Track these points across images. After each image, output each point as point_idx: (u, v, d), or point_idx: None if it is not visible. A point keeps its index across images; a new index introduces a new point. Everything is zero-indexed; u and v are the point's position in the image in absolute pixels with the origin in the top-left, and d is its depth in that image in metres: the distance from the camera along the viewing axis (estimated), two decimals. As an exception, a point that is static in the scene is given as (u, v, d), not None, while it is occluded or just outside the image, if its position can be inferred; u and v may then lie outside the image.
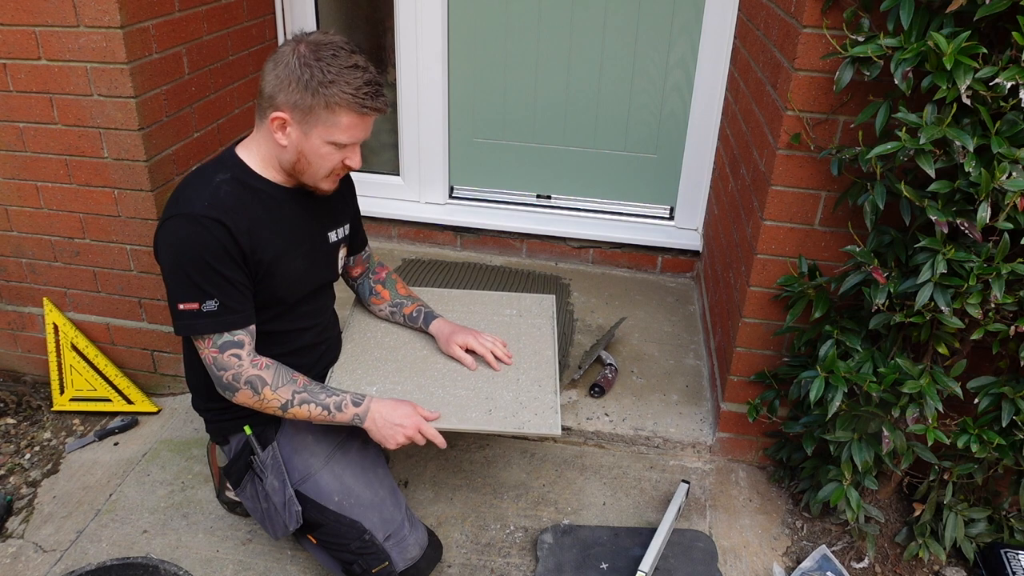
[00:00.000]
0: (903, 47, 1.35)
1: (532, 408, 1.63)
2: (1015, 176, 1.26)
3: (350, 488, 1.58)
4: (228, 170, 1.47)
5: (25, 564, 1.75)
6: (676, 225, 2.90)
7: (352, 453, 1.63)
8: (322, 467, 1.59)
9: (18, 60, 1.88)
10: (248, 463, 1.61)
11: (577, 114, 2.80)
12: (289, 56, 1.38)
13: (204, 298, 1.41)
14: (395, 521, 1.59)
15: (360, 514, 1.56)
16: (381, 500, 1.60)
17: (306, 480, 1.57)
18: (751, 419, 1.87)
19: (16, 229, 2.14)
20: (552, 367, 1.76)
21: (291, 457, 1.59)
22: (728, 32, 2.52)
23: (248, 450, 1.61)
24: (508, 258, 2.99)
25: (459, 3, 2.68)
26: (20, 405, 2.28)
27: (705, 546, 1.81)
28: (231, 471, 1.64)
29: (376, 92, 1.41)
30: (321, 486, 1.57)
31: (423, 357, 1.77)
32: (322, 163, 1.46)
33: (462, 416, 1.58)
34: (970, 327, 1.45)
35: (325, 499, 1.56)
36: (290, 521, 1.56)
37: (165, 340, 2.23)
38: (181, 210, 1.40)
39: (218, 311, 1.42)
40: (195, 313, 1.41)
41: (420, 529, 1.63)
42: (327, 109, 1.38)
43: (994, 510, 1.76)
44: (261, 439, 1.60)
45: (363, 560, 1.55)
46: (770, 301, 1.84)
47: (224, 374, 1.46)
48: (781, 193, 1.71)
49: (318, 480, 1.57)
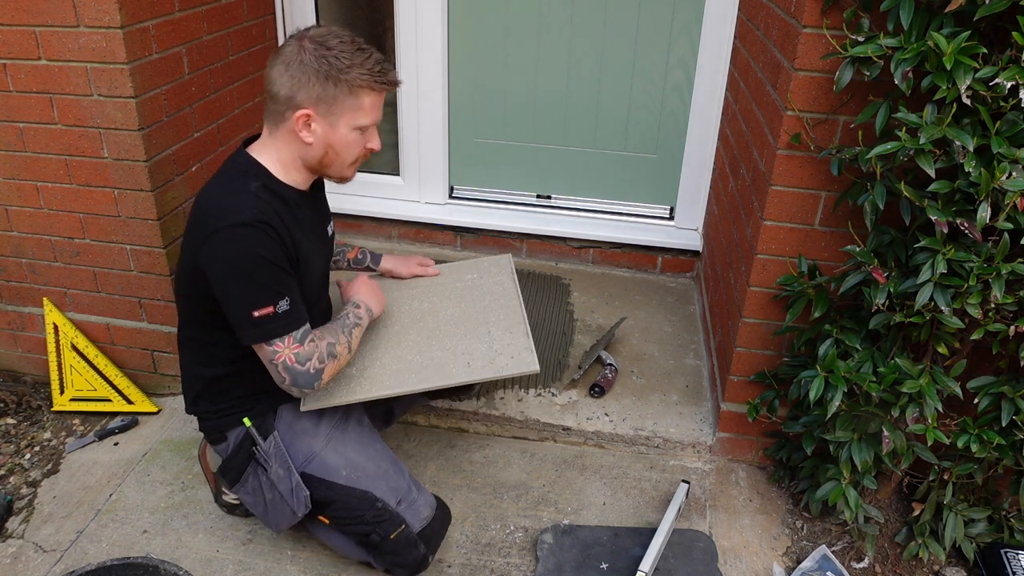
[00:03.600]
0: (903, 47, 1.35)
1: (507, 353, 1.70)
2: (1015, 176, 1.26)
3: (355, 462, 1.62)
4: (256, 178, 1.49)
5: (25, 564, 1.75)
6: (676, 225, 2.90)
7: (350, 431, 1.67)
8: (324, 447, 1.61)
9: (18, 60, 1.88)
10: (249, 455, 1.62)
11: (577, 114, 2.80)
12: (299, 54, 1.41)
13: (277, 299, 1.43)
14: (402, 487, 1.64)
15: (369, 484, 1.60)
16: (385, 470, 1.64)
17: (311, 461, 1.59)
18: (751, 419, 1.87)
19: (16, 229, 2.14)
20: (519, 313, 1.83)
21: (292, 442, 1.61)
22: (728, 32, 2.52)
23: (248, 443, 1.61)
24: (508, 258, 2.99)
25: (459, 3, 2.68)
26: (20, 405, 2.28)
27: (705, 546, 1.81)
28: (229, 467, 1.65)
29: (388, 67, 1.48)
30: (327, 464, 1.60)
31: (396, 332, 1.80)
32: (349, 151, 1.51)
33: (444, 374, 1.64)
34: (970, 327, 1.45)
35: (333, 475, 1.59)
36: (298, 507, 1.58)
37: (165, 340, 2.23)
38: (232, 220, 1.40)
39: (291, 309, 1.46)
40: (272, 317, 1.43)
41: (426, 492, 1.69)
42: (351, 94, 1.43)
43: (994, 510, 1.76)
44: (261, 430, 1.61)
45: (380, 528, 1.58)
46: (770, 301, 1.84)
47: (309, 363, 1.48)
48: (781, 193, 1.71)
49: (323, 459, 1.60)
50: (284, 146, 1.50)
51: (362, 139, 1.51)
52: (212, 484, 1.91)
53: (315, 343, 1.50)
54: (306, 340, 1.48)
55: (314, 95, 1.41)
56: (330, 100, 1.42)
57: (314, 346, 1.49)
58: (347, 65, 1.41)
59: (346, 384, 1.63)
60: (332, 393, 1.61)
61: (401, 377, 1.65)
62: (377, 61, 1.45)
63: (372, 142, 1.53)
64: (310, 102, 1.42)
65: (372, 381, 1.64)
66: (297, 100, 1.42)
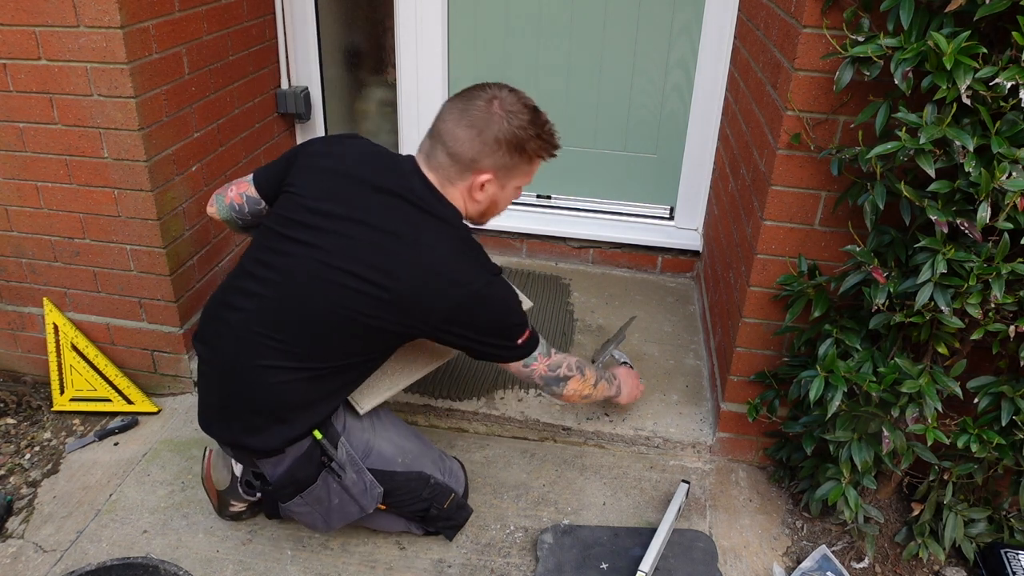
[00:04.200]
0: (903, 47, 1.35)
1: None
2: (1015, 176, 1.26)
3: (403, 446, 1.68)
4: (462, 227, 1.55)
5: (25, 564, 1.75)
6: (676, 225, 2.90)
7: (383, 417, 1.71)
8: (374, 437, 1.64)
9: (18, 60, 1.88)
10: (319, 465, 1.55)
11: (577, 114, 2.80)
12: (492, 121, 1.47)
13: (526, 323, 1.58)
14: (438, 457, 1.75)
15: (420, 464, 1.68)
16: (424, 447, 1.73)
17: (369, 455, 1.62)
18: (751, 419, 1.87)
19: (16, 229, 2.14)
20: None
21: (350, 441, 1.60)
22: (728, 32, 2.52)
23: (317, 454, 1.55)
24: (508, 258, 2.99)
25: (459, 3, 2.68)
26: (20, 405, 2.28)
27: (705, 546, 1.81)
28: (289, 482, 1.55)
29: (554, 132, 1.58)
30: (384, 455, 1.64)
31: None
32: (506, 205, 1.63)
33: None
34: (970, 327, 1.45)
35: (391, 464, 1.64)
36: (369, 504, 1.62)
37: (165, 340, 2.23)
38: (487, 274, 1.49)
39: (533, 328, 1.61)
40: (531, 338, 1.60)
41: (448, 455, 1.82)
42: (529, 162, 1.55)
43: (994, 510, 1.76)
44: (329, 438, 1.56)
45: (436, 501, 1.69)
46: (770, 301, 1.84)
47: (560, 370, 1.66)
48: (781, 193, 1.71)
49: (380, 450, 1.64)
50: (459, 198, 1.55)
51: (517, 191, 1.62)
52: (215, 502, 1.86)
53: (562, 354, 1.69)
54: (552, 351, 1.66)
55: (500, 163, 1.49)
56: (511, 167, 1.51)
57: (562, 355, 1.68)
58: (532, 136, 1.50)
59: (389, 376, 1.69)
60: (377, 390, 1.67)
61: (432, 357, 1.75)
62: (551, 130, 1.55)
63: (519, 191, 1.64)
64: (494, 168, 1.50)
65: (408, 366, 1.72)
66: (482, 164, 1.49)
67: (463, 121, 1.47)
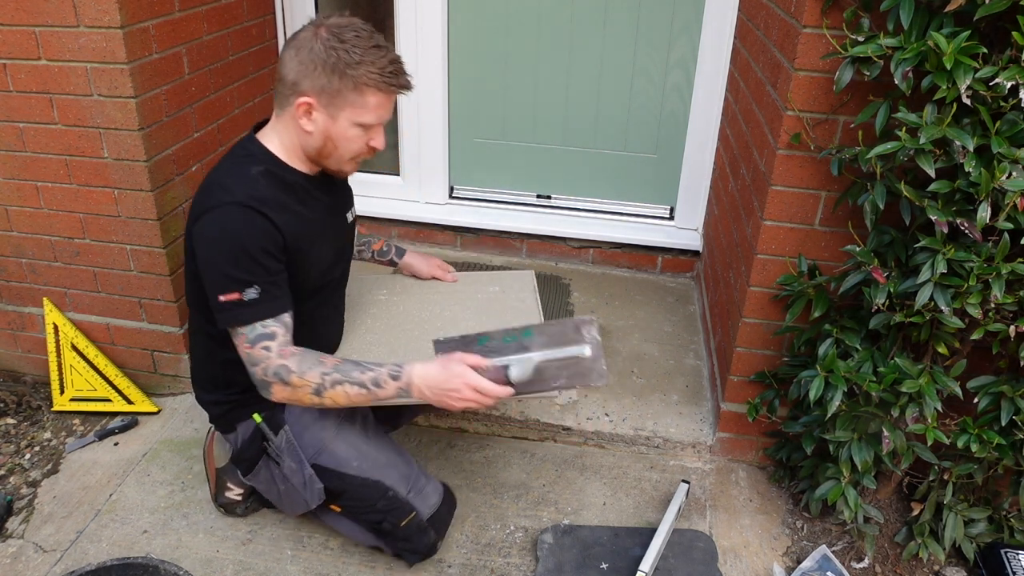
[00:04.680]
0: (903, 47, 1.35)
1: None
2: (1015, 176, 1.26)
3: (365, 452, 1.62)
4: (261, 162, 1.47)
5: (25, 564, 1.75)
6: (676, 225, 2.90)
7: (357, 424, 1.67)
8: (334, 438, 1.61)
9: (18, 60, 1.88)
10: (261, 450, 1.62)
11: (577, 114, 2.80)
12: (312, 41, 1.39)
13: (244, 287, 1.40)
14: (411, 474, 1.65)
15: (380, 473, 1.60)
16: (394, 459, 1.65)
17: (321, 453, 1.60)
18: (751, 419, 1.87)
19: (16, 229, 2.14)
20: None
21: (301, 434, 1.60)
22: (728, 32, 2.52)
23: (259, 437, 1.61)
24: (508, 258, 2.99)
25: (459, 3, 2.68)
26: (20, 405, 2.28)
27: (705, 546, 1.81)
28: (241, 459, 1.66)
29: (401, 70, 1.44)
30: (338, 455, 1.60)
31: (415, 337, 1.78)
32: (349, 146, 1.48)
33: None
34: (970, 327, 1.45)
35: (344, 466, 1.59)
36: (312, 499, 1.60)
37: (165, 340, 2.23)
38: (224, 199, 1.39)
39: (259, 298, 1.41)
40: (236, 303, 1.40)
41: (433, 479, 1.70)
42: (355, 90, 1.40)
43: (994, 510, 1.76)
44: (271, 424, 1.60)
45: (391, 516, 1.60)
46: (770, 301, 1.84)
47: (256, 369, 1.43)
48: (781, 193, 1.71)
49: (334, 450, 1.60)
50: (286, 131, 1.49)
51: (365, 136, 1.47)
52: (212, 482, 1.90)
53: (268, 352, 1.41)
54: (257, 344, 1.41)
55: (318, 85, 1.39)
56: (333, 93, 1.40)
57: (264, 354, 1.41)
58: (357, 61, 1.38)
59: None
60: None
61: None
62: (391, 61, 1.41)
63: (376, 140, 1.50)
64: (313, 91, 1.40)
65: None
66: (301, 87, 1.41)
67: (289, 44, 1.43)
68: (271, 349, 1.42)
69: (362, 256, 1.95)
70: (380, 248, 1.98)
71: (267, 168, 1.47)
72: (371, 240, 1.98)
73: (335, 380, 1.44)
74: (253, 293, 1.40)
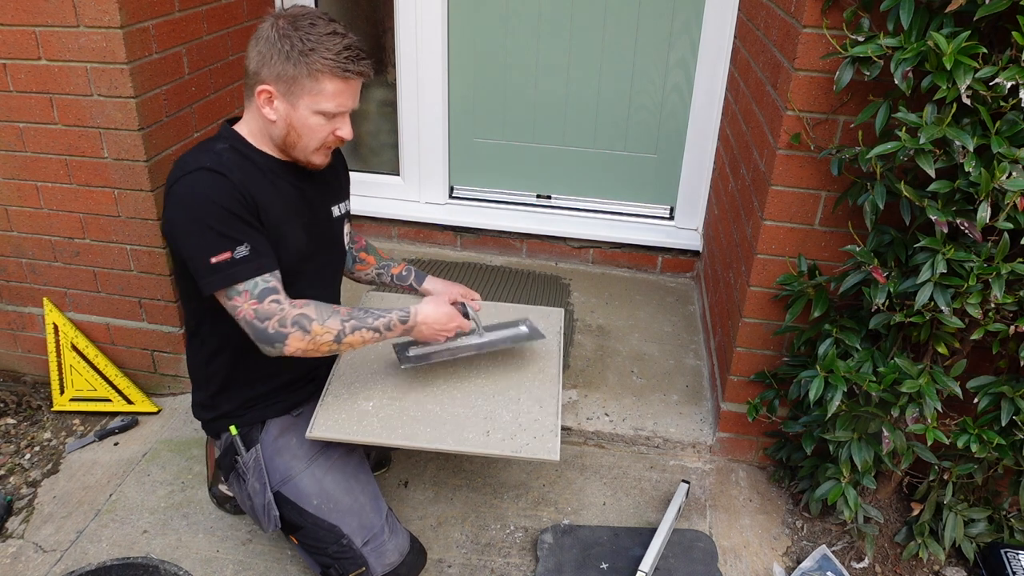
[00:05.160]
0: (903, 47, 1.35)
1: (531, 431, 1.58)
2: (1015, 176, 1.26)
3: (329, 492, 1.56)
4: (225, 140, 1.48)
5: (25, 564, 1.75)
6: (676, 225, 2.90)
7: (334, 458, 1.61)
8: (303, 470, 1.57)
9: (18, 60, 1.88)
10: (232, 463, 1.61)
11: (577, 114, 2.80)
12: (269, 31, 1.39)
13: (234, 245, 1.37)
14: (374, 527, 1.56)
15: (338, 519, 1.54)
16: (360, 506, 1.57)
17: (286, 482, 1.56)
18: (751, 419, 1.87)
19: (16, 229, 2.14)
20: (555, 386, 1.71)
21: (273, 458, 1.58)
22: (728, 32, 2.52)
23: (233, 450, 1.61)
24: (508, 258, 2.99)
25: (459, 3, 2.68)
26: (20, 405, 2.28)
27: (705, 546, 1.81)
28: (220, 465, 1.66)
29: (357, 56, 1.41)
30: (300, 488, 1.55)
31: (425, 370, 1.74)
32: (312, 135, 1.46)
33: (459, 438, 1.53)
34: (970, 327, 1.45)
35: (304, 502, 1.54)
36: (268, 524, 1.56)
37: (165, 340, 2.23)
38: (188, 168, 1.39)
39: (251, 255, 1.39)
40: (230, 262, 1.37)
41: (401, 535, 1.60)
42: (310, 77, 1.39)
43: (994, 510, 1.76)
44: (246, 440, 1.59)
45: (340, 564, 1.53)
46: (770, 301, 1.84)
47: (269, 323, 1.39)
48: (781, 193, 1.71)
49: (298, 483, 1.56)
50: (253, 120, 1.49)
51: (328, 125, 1.45)
52: (210, 471, 1.90)
53: (279, 304, 1.40)
54: (266, 298, 1.39)
55: (275, 73, 1.39)
56: (290, 80, 1.39)
57: (276, 307, 1.39)
58: (310, 48, 1.37)
59: (358, 420, 1.55)
60: (342, 427, 1.53)
61: (415, 428, 1.55)
62: (346, 47, 1.39)
63: (341, 130, 1.47)
64: (271, 79, 1.40)
65: (385, 425, 1.55)
66: (261, 76, 1.41)
67: (252, 36, 1.43)
68: (281, 301, 1.41)
69: (381, 280, 1.89)
70: (399, 272, 1.90)
71: (232, 145, 1.47)
72: (391, 264, 1.90)
73: (354, 327, 1.48)
74: (244, 251, 1.38)
